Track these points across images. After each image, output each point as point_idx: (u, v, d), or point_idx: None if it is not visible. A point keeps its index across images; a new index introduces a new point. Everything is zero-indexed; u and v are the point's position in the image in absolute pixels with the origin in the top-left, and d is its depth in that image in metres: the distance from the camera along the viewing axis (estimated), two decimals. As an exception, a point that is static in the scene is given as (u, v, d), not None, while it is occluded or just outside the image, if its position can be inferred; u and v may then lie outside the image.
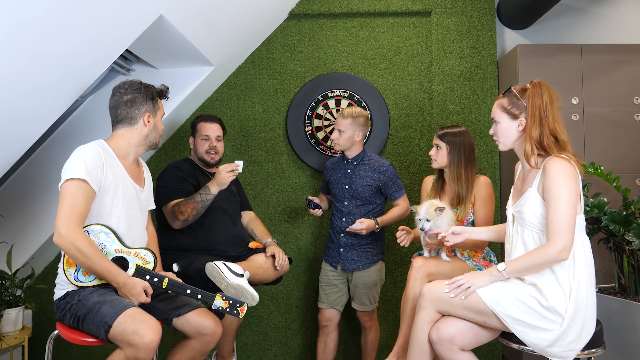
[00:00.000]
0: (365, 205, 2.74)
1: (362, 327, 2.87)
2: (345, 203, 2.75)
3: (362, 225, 2.63)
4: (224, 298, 1.95)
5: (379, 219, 2.70)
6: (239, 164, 2.34)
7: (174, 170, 2.48)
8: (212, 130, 2.59)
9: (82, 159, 1.82)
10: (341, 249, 2.75)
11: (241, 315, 1.95)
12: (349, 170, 2.76)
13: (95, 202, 1.86)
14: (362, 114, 2.73)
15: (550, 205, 1.73)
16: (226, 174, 2.31)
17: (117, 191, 1.92)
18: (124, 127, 2.00)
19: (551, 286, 1.77)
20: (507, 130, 1.90)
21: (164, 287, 1.91)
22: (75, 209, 1.77)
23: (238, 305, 1.95)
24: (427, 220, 2.26)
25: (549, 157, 1.78)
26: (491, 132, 1.98)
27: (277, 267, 2.45)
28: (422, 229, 2.29)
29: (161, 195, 2.41)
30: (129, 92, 1.98)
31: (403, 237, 2.41)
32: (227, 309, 1.94)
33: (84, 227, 1.83)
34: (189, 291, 1.93)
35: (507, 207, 1.99)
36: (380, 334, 2.94)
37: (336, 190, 2.79)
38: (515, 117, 1.87)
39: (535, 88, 1.84)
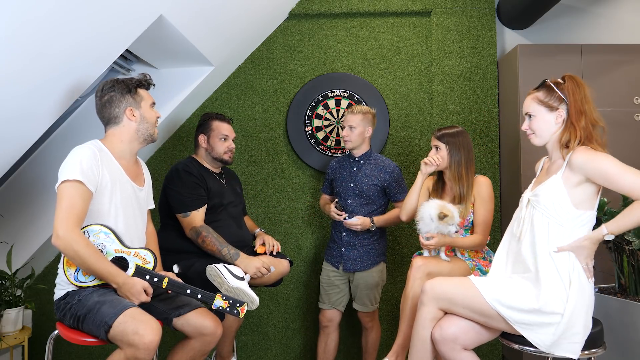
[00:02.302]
0: (369, 205, 2.73)
1: (363, 328, 2.86)
2: (349, 201, 2.74)
3: (358, 221, 2.63)
4: (224, 298, 1.95)
5: (374, 218, 2.70)
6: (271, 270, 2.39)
7: (187, 176, 2.41)
8: (229, 130, 2.57)
9: (77, 160, 1.81)
10: (343, 249, 2.75)
11: (241, 315, 1.95)
12: (355, 169, 2.76)
13: (92, 203, 1.85)
14: (370, 110, 2.75)
15: (614, 177, 1.71)
16: (262, 266, 2.30)
17: (114, 191, 1.91)
18: (112, 127, 1.99)
19: (552, 284, 1.78)
20: (545, 123, 1.89)
21: (164, 287, 1.90)
22: (73, 211, 1.76)
23: (238, 305, 1.95)
24: (432, 220, 2.25)
25: (573, 150, 1.80)
26: (524, 127, 1.95)
27: (270, 253, 2.50)
28: (418, 230, 2.30)
29: (177, 202, 2.38)
30: (105, 92, 1.96)
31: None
32: (227, 309, 1.94)
33: (83, 228, 1.83)
34: (189, 291, 1.93)
35: (523, 193, 1.98)
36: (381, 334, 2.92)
37: (340, 188, 2.79)
38: (553, 109, 1.87)
39: (573, 82, 1.85)
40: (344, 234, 2.74)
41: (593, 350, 1.82)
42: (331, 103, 3.27)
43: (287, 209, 3.28)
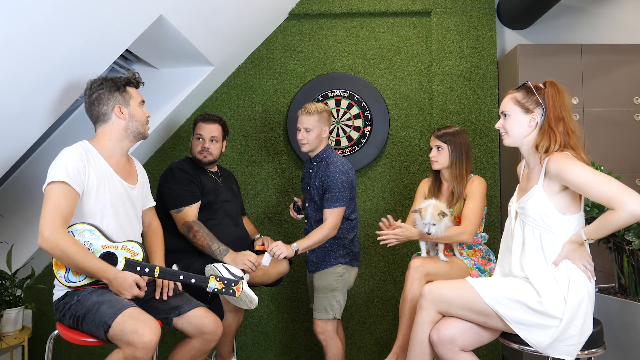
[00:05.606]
0: (319, 211, 2.51)
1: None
2: (307, 205, 2.63)
3: (276, 247, 2.32)
4: (218, 279, 1.94)
5: (299, 244, 2.37)
6: (266, 262, 2.30)
7: (180, 173, 2.45)
8: (206, 130, 2.55)
9: (63, 162, 1.81)
10: (306, 251, 2.55)
11: (237, 294, 1.94)
12: (311, 171, 2.60)
13: (81, 203, 1.85)
14: (325, 109, 2.55)
15: (586, 187, 1.70)
16: (248, 262, 2.26)
17: (102, 191, 1.90)
18: (101, 125, 1.98)
19: (549, 283, 1.78)
20: (518, 124, 1.88)
21: (155, 276, 1.90)
22: (58, 211, 1.75)
23: (233, 284, 1.94)
24: (433, 224, 2.23)
25: (549, 156, 1.79)
26: (498, 125, 1.94)
27: (271, 254, 2.42)
28: (428, 233, 2.25)
29: (170, 198, 2.40)
30: (93, 90, 1.96)
31: (387, 238, 2.27)
32: (223, 290, 1.94)
33: (67, 228, 1.81)
34: (181, 277, 1.93)
35: (509, 203, 2.00)
36: (344, 354, 2.56)
37: (303, 192, 2.70)
38: (528, 111, 1.86)
39: (553, 88, 1.85)
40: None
41: (593, 350, 1.82)
42: (331, 103, 3.27)
43: (287, 209, 3.28)
